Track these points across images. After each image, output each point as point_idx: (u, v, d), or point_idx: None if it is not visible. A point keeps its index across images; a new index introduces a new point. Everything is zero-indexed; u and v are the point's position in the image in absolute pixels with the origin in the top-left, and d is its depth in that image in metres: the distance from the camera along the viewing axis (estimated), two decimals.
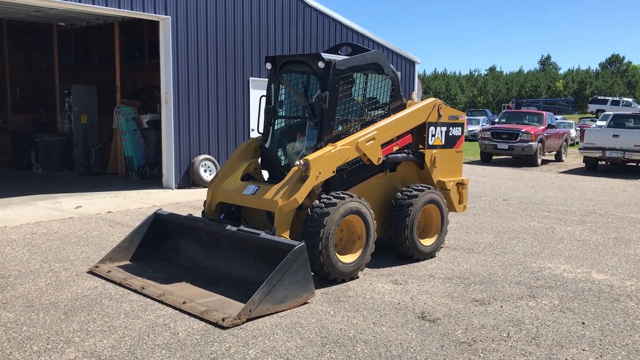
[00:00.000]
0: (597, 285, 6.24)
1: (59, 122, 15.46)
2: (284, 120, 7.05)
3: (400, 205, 6.74)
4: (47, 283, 5.88)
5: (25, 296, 5.48)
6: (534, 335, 4.80)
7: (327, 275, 5.87)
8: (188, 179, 12.66)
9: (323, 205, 5.84)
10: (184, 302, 5.22)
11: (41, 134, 14.64)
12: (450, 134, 7.48)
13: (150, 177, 13.48)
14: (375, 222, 6.30)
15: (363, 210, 6.13)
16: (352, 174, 6.66)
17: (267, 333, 4.69)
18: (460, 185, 7.68)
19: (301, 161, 5.91)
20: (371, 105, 6.92)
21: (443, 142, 7.40)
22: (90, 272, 6.21)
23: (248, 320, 4.88)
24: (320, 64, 6.26)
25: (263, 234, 5.58)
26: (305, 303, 5.35)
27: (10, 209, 9.63)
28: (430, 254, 7.12)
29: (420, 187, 6.93)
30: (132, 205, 10.30)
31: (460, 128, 7.62)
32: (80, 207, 10.02)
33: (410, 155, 7.10)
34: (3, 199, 10.51)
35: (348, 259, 6.09)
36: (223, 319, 4.81)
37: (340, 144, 6.19)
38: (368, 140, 6.42)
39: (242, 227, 5.82)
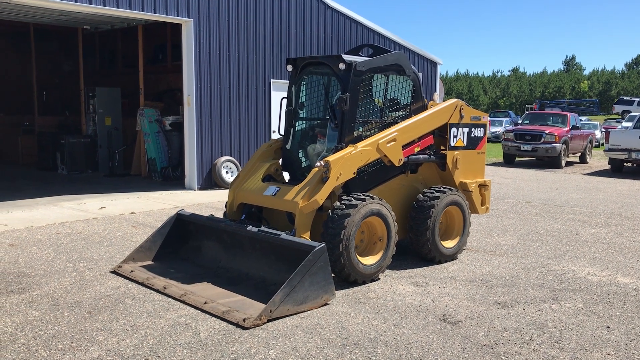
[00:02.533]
0: (623, 288, 6.13)
1: (84, 124, 15.70)
2: (304, 121, 7.06)
3: (422, 207, 6.71)
4: (72, 282, 5.98)
5: (51, 295, 5.57)
6: (558, 339, 4.73)
7: (348, 277, 5.87)
8: (210, 181, 12.76)
9: (344, 206, 5.83)
10: (205, 302, 5.26)
11: (66, 135, 14.89)
12: (472, 135, 7.42)
13: (172, 179, 13.62)
14: (396, 223, 6.28)
15: (384, 212, 6.11)
16: (373, 175, 6.64)
17: (288, 334, 4.70)
18: (483, 186, 7.62)
19: (322, 162, 5.91)
20: (392, 107, 6.89)
21: (465, 143, 7.34)
22: (114, 272, 6.30)
23: (269, 320, 4.90)
24: (341, 66, 6.26)
25: (284, 235, 5.60)
26: (326, 304, 5.36)
27: (36, 210, 9.80)
28: (452, 256, 7.07)
29: (442, 189, 6.89)
30: (155, 206, 10.41)
31: (482, 129, 7.56)
32: (104, 207, 10.16)
33: (431, 156, 7.06)
34: (29, 200, 10.71)
35: (369, 260, 6.07)
36: (244, 320, 4.84)
37: (361, 145, 6.18)
38: (389, 141, 6.39)
39: (263, 228, 5.84)
